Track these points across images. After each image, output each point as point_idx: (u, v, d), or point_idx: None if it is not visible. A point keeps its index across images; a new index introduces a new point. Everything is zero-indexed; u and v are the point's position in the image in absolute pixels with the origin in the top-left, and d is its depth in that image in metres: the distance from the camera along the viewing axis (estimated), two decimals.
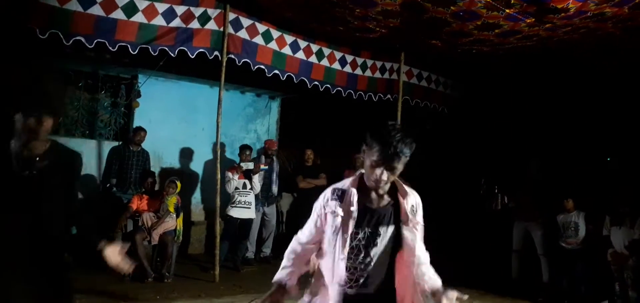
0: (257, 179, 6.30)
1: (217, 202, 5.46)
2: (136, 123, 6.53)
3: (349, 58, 6.51)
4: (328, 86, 6.34)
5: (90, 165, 6.39)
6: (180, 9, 4.99)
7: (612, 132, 6.42)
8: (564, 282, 5.74)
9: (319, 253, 2.07)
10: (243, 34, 5.48)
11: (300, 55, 6.01)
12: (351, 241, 1.93)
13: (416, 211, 1.98)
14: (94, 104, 6.72)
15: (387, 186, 1.93)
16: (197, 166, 7.20)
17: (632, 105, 6.25)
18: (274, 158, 6.77)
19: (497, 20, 5.13)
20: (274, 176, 6.75)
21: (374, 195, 1.96)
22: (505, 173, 6.88)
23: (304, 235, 2.10)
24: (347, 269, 1.94)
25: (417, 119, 7.14)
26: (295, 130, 8.14)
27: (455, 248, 6.54)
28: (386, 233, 1.95)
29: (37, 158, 2.02)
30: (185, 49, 5.08)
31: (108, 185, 6.07)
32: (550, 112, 6.95)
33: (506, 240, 6.22)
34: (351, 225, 1.92)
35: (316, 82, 6.21)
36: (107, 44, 4.64)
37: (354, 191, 1.94)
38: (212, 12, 5.21)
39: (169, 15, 4.95)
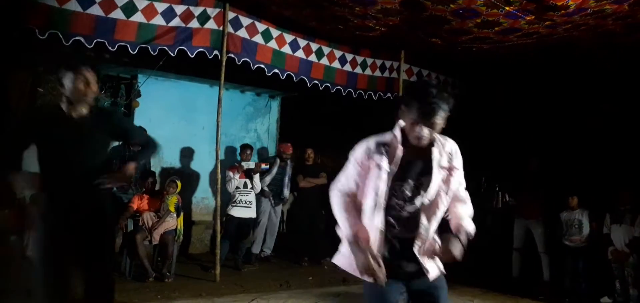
0: (257, 179, 6.30)
1: (217, 201, 5.46)
2: (136, 122, 6.52)
3: (349, 57, 6.51)
4: (328, 84, 6.33)
5: None
6: (179, 9, 4.99)
7: (611, 129, 6.41)
8: (566, 280, 5.74)
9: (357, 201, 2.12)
10: (243, 33, 5.48)
11: (300, 54, 6.01)
12: (395, 191, 2.01)
13: (453, 157, 2.09)
14: (94, 104, 6.70)
15: (427, 140, 1.99)
16: (197, 165, 7.20)
17: (632, 102, 6.24)
18: (288, 161, 6.81)
19: (497, 18, 5.12)
20: (286, 179, 6.77)
21: (415, 147, 2.01)
22: (506, 171, 6.87)
23: (344, 185, 2.13)
24: (392, 217, 2.02)
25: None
26: (295, 129, 8.13)
27: None
28: (428, 181, 2.03)
29: (84, 117, 2.53)
30: (185, 49, 5.07)
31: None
32: (551, 109, 6.94)
33: (507, 238, 6.22)
34: (394, 177, 2.00)
35: (316, 81, 6.21)
36: (107, 44, 4.63)
37: (399, 145, 2.02)
38: (212, 11, 5.20)
39: (168, 14, 4.94)
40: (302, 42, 6.01)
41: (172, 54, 5.05)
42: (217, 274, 5.37)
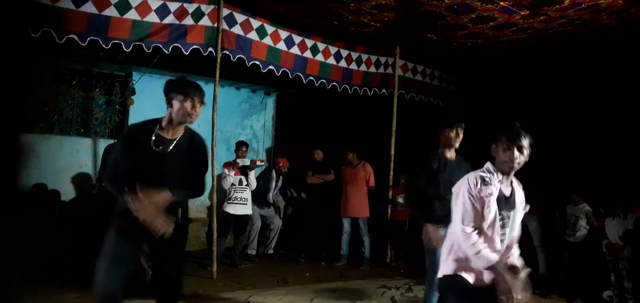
0: (253, 176, 6.30)
1: (213, 199, 5.45)
2: (131, 120, 6.50)
3: (344, 53, 6.51)
4: (323, 81, 6.33)
5: (86, 163, 6.37)
6: (173, 6, 4.97)
7: (608, 124, 6.44)
8: (560, 274, 5.77)
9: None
10: (237, 29, 5.46)
11: (295, 50, 6.00)
12: (499, 220, 2.32)
13: (523, 199, 2.46)
14: (89, 102, 6.68)
15: (516, 169, 2.34)
16: None
17: (628, 97, 6.27)
18: (281, 176, 6.85)
19: (492, 13, 5.13)
20: (273, 185, 6.77)
21: (505, 183, 2.38)
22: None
23: (469, 222, 2.33)
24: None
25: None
26: (291, 126, 8.12)
27: None
28: (513, 215, 2.40)
29: (174, 141, 2.65)
30: (179, 46, 5.06)
31: (103, 183, 6.04)
32: (546, 104, 6.96)
33: None
34: (497, 207, 2.32)
35: (311, 78, 6.20)
36: (101, 41, 4.61)
37: (496, 179, 2.35)
38: (206, 8, 5.18)
39: (162, 11, 4.92)
40: (297, 39, 6.00)
41: (166, 52, 5.03)
42: (214, 271, 5.38)
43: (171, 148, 2.65)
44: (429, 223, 3.38)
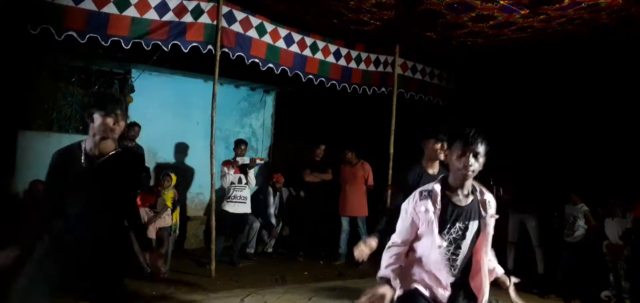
0: (252, 174, 6.30)
1: (212, 197, 5.45)
2: (130, 118, 6.49)
3: (344, 51, 6.49)
4: (322, 79, 6.32)
5: None
6: (173, 3, 4.95)
7: (607, 124, 6.45)
8: (558, 273, 5.77)
9: (412, 249, 2.33)
10: (237, 27, 5.44)
11: (294, 48, 5.99)
12: (445, 235, 2.22)
13: (491, 206, 2.30)
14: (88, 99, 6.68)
15: (471, 177, 2.21)
16: (192, 160, 7.18)
17: (627, 97, 6.27)
18: (278, 192, 6.91)
19: (492, 12, 5.13)
20: (271, 200, 6.81)
21: (459, 194, 2.24)
22: (501, 165, 6.90)
23: (399, 236, 2.31)
24: (443, 260, 2.23)
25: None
26: (290, 124, 8.12)
27: None
28: (472, 226, 2.25)
29: (103, 157, 2.51)
30: (179, 43, 5.04)
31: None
32: (545, 103, 6.96)
33: (502, 232, 6.24)
34: (442, 221, 2.21)
35: (310, 76, 6.19)
36: (100, 38, 4.59)
37: (438, 190, 2.23)
38: (205, 6, 5.16)
39: (162, 9, 4.90)
40: (297, 37, 5.99)
41: (165, 49, 5.01)
42: (212, 269, 5.37)
43: (99, 162, 2.52)
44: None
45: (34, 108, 6.33)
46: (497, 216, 2.32)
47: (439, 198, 2.22)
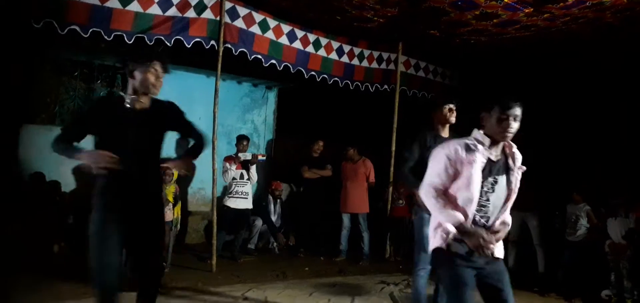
0: (254, 170, 6.31)
1: (214, 192, 5.45)
2: None
3: (346, 48, 6.48)
4: (325, 76, 6.31)
5: None
6: None
7: (609, 123, 6.43)
8: (559, 272, 5.76)
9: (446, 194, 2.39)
10: (240, 23, 5.44)
11: (297, 45, 5.98)
12: (481, 189, 2.34)
13: (518, 158, 2.48)
14: (90, 93, 6.68)
15: (510, 138, 2.39)
16: None
17: (630, 96, 6.25)
18: (278, 199, 6.91)
19: (496, 10, 5.12)
20: (271, 207, 6.84)
21: (493, 151, 2.40)
22: None
23: (437, 182, 2.38)
24: (471, 213, 2.34)
25: None
26: (292, 120, 8.11)
27: None
28: (502, 180, 2.42)
29: (145, 110, 2.62)
30: (182, 39, 5.04)
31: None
32: (548, 102, 6.94)
33: None
34: (482, 173, 2.33)
35: (313, 73, 6.19)
36: (103, 33, 4.59)
37: (481, 146, 2.36)
38: (208, 1, 5.16)
39: (165, 4, 4.90)
40: (300, 33, 5.98)
41: (168, 44, 5.01)
42: (213, 264, 5.38)
43: (145, 114, 2.64)
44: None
45: (37, 102, 6.34)
46: (524, 169, 2.47)
47: (484, 153, 2.34)
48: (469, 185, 2.32)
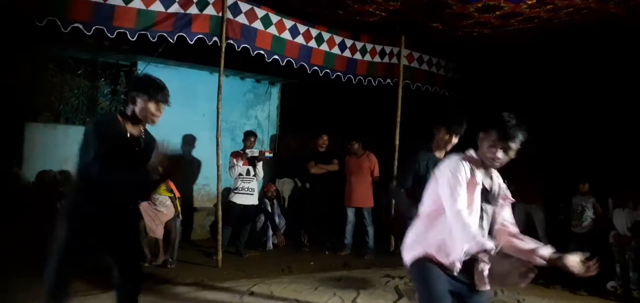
0: (260, 166, 6.32)
1: (218, 188, 5.47)
2: None
3: (349, 42, 6.47)
4: (328, 70, 6.31)
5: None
6: None
7: (615, 115, 6.39)
8: None
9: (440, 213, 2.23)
10: (242, 18, 5.44)
11: (300, 40, 5.98)
12: (479, 211, 2.21)
13: (504, 190, 2.32)
14: (94, 91, 6.71)
15: (495, 168, 2.24)
16: (198, 152, 7.20)
17: (636, 87, 6.21)
18: (274, 200, 6.86)
19: (498, 2, 5.10)
20: (270, 209, 6.78)
21: (486, 176, 2.25)
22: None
23: (463, 204, 2.16)
24: None
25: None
26: (295, 116, 8.12)
27: None
28: (490, 209, 2.27)
29: (142, 136, 2.67)
30: (184, 35, 5.04)
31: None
32: (552, 94, 6.91)
33: None
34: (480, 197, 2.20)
35: (316, 67, 6.18)
36: (106, 30, 4.61)
37: (480, 170, 2.22)
38: None
39: (167, 0, 4.90)
40: (302, 28, 5.98)
41: (171, 41, 5.03)
42: (219, 260, 5.41)
43: (141, 141, 2.67)
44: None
45: (40, 100, 6.37)
46: (512, 201, 2.33)
47: (479, 177, 2.20)
48: (471, 211, 2.17)
